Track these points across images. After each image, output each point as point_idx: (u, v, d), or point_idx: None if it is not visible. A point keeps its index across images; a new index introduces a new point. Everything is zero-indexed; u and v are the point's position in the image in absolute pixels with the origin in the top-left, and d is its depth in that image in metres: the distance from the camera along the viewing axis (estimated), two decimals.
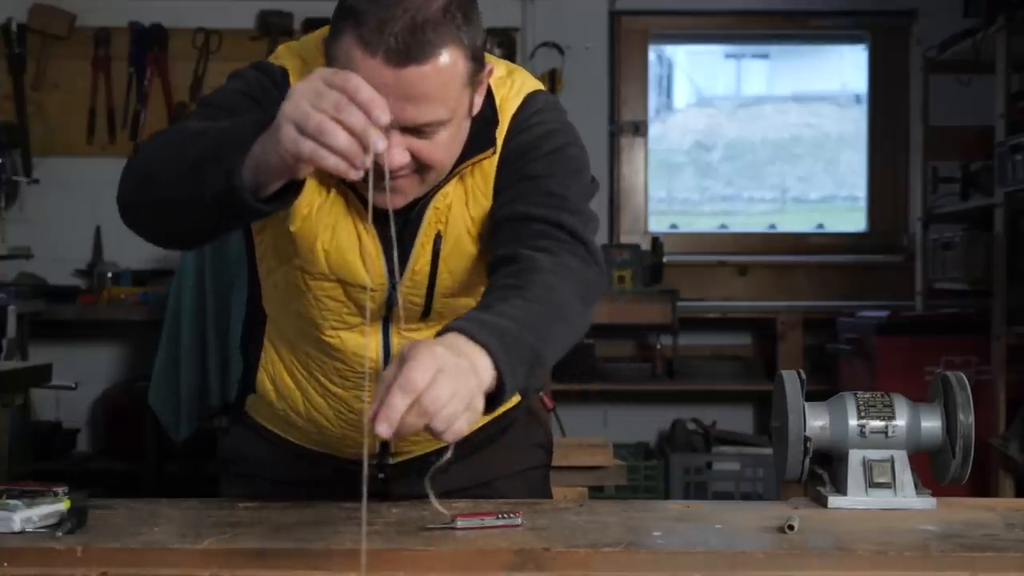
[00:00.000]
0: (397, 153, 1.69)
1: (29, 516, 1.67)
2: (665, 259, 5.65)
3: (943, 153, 5.33)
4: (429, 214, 1.86)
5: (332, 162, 1.45)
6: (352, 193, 1.84)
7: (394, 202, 1.71)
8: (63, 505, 1.70)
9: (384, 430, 1.42)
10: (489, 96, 1.85)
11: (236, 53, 5.64)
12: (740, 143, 6.46)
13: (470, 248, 1.89)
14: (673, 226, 6.19)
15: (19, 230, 5.34)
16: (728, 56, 6.58)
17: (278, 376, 2.04)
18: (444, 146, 1.75)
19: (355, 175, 1.48)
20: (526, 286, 1.67)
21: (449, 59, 1.67)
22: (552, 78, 5.76)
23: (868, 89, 6.14)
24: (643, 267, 5.62)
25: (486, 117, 1.84)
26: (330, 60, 1.70)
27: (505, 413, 2.12)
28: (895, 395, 1.95)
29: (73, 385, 4.32)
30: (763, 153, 6.46)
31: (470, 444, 2.09)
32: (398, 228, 1.82)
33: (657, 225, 6.11)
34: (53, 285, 5.58)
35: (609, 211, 5.96)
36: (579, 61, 5.89)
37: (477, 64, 1.74)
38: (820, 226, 6.22)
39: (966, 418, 1.89)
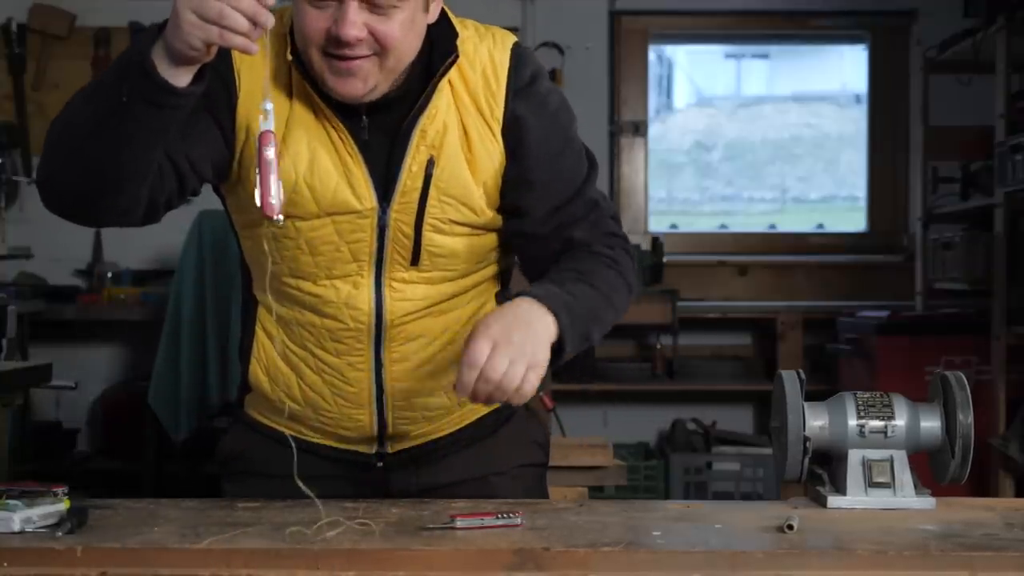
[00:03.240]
0: (353, 26, 1.80)
1: (29, 516, 1.67)
2: (665, 259, 5.65)
3: (943, 153, 5.33)
4: (416, 134, 1.92)
5: (239, 41, 1.65)
6: (325, 112, 1.90)
7: (354, 87, 1.85)
8: (63, 505, 1.70)
9: (462, 395, 1.80)
10: (445, 16, 1.96)
11: None
12: (740, 143, 6.46)
13: (466, 177, 1.95)
14: (673, 226, 6.19)
15: (19, 230, 5.34)
16: (728, 56, 6.58)
17: (271, 363, 2.05)
18: (401, 28, 1.84)
19: (254, 49, 1.67)
20: (590, 274, 1.97)
21: None
22: (552, 78, 5.74)
23: (868, 89, 6.13)
24: (643, 267, 5.61)
25: (444, 31, 1.94)
26: None
27: (504, 406, 2.13)
28: (894, 395, 1.95)
29: (73, 385, 4.32)
30: (763, 153, 6.47)
31: (467, 436, 2.11)
32: (386, 147, 1.92)
33: (657, 225, 6.11)
34: (53, 285, 5.58)
35: None
36: (579, 61, 5.89)
37: None
38: (820, 226, 6.22)
39: (965, 418, 1.89)
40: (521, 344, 1.79)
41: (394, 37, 1.83)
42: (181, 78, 1.70)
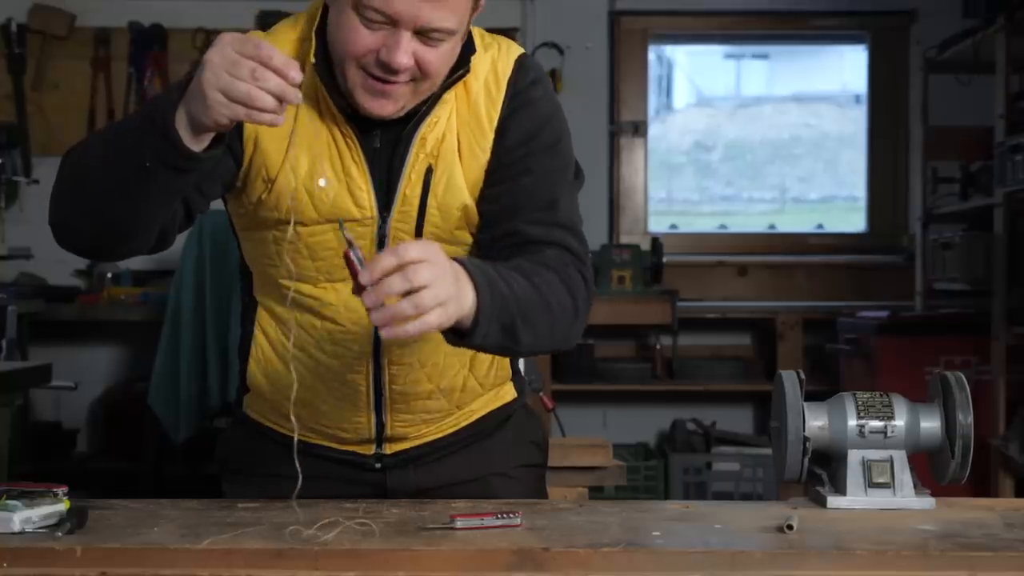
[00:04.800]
0: (404, 55, 1.81)
1: (29, 516, 1.67)
2: (665, 259, 5.65)
3: (943, 153, 5.33)
4: (416, 142, 1.92)
5: (267, 118, 1.66)
6: (337, 118, 1.91)
7: (384, 108, 1.86)
8: (63, 506, 1.70)
9: (365, 280, 1.61)
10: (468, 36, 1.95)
11: None
12: (740, 143, 6.46)
13: (461, 186, 1.95)
14: (673, 226, 6.19)
15: (19, 230, 5.34)
16: (728, 56, 6.58)
17: (269, 364, 2.05)
18: (444, 58, 1.86)
19: (280, 122, 1.67)
20: (532, 272, 1.85)
21: None
22: (552, 78, 5.75)
23: (868, 89, 6.13)
24: (643, 267, 5.61)
25: (464, 46, 1.93)
26: None
27: (503, 407, 2.15)
28: (894, 395, 1.95)
29: (73, 385, 4.32)
30: (763, 153, 6.47)
31: (465, 437, 2.11)
32: (387, 156, 1.93)
33: (657, 225, 6.11)
34: (53, 285, 5.58)
35: (609, 211, 5.96)
36: (579, 61, 5.90)
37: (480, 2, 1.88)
38: (820, 226, 6.22)
39: (965, 418, 1.89)
40: (448, 281, 1.66)
41: (436, 66, 1.85)
42: (202, 142, 1.71)
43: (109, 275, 5.60)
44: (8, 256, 5.30)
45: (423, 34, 1.81)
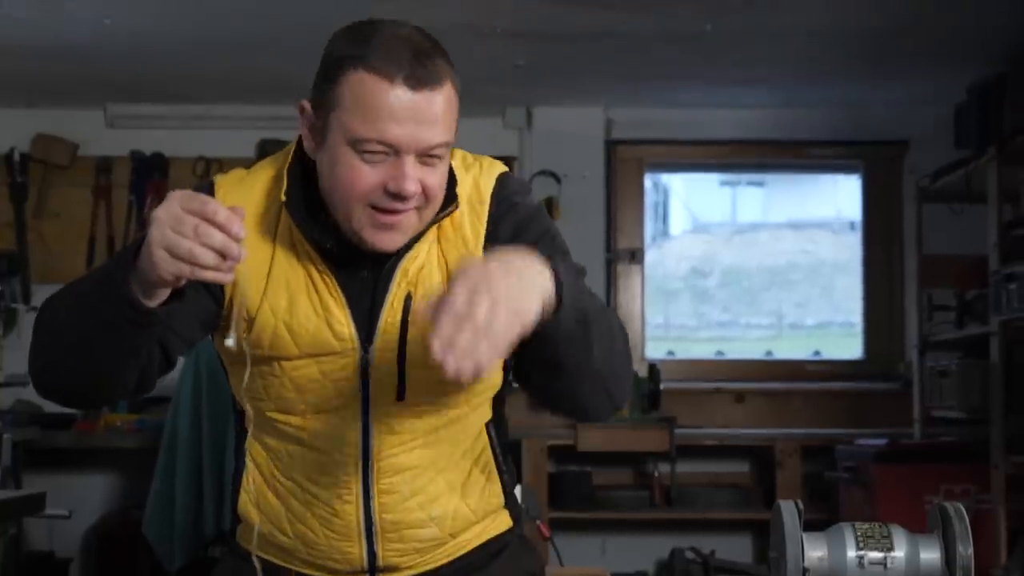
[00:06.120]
0: (412, 182, 1.81)
1: None
2: (662, 386, 5.64)
3: (937, 281, 5.36)
4: (399, 275, 1.92)
5: (209, 275, 1.66)
6: (310, 256, 1.91)
7: (393, 240, 1.86)
8: None
9: (437, 350, 1.56)
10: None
11: None
12: (736, 269, 6.50)
13: None
14: (670, 352, 6.20)
15: (17, 357, 5.33)
16: (724, 183, 6.65)
17: (260, 495, 2.04)
18: (440, 178, 1.86)
19: (227, 279, 1.68)
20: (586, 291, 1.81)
21: (450, 84, 1.84)
22: (549, 206, 5.80)
23: (862, 217, 6.19)
24: (640, 394, 5.60)
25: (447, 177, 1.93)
26: (331, 105, 1.82)
27: (498, 537, 2.12)
28: (893, 526, 1.94)
29: (67, 514, 4.29)
30: (759, 279, 6.50)
31: (459, 568, 2.08)
32: (369, 287, 1.92)
33: (654, 351, 6.11)
34: (49, 413, 5.57)
35: None
36: (576, 189, 5.95)
37: (459, 105, 1.88)
38: (817, 352, 6.22)
39: (965, 550, 1.88)
40: (506, 288, 1.61)
41: (436, 188, 1.85)
42: (159, 297, 1.73)
43: None
44: (5, 383, 5.30)
45: (423, 156, 1.82)
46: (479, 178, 1.97)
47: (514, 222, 1.95)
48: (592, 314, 1.77)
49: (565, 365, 1.78)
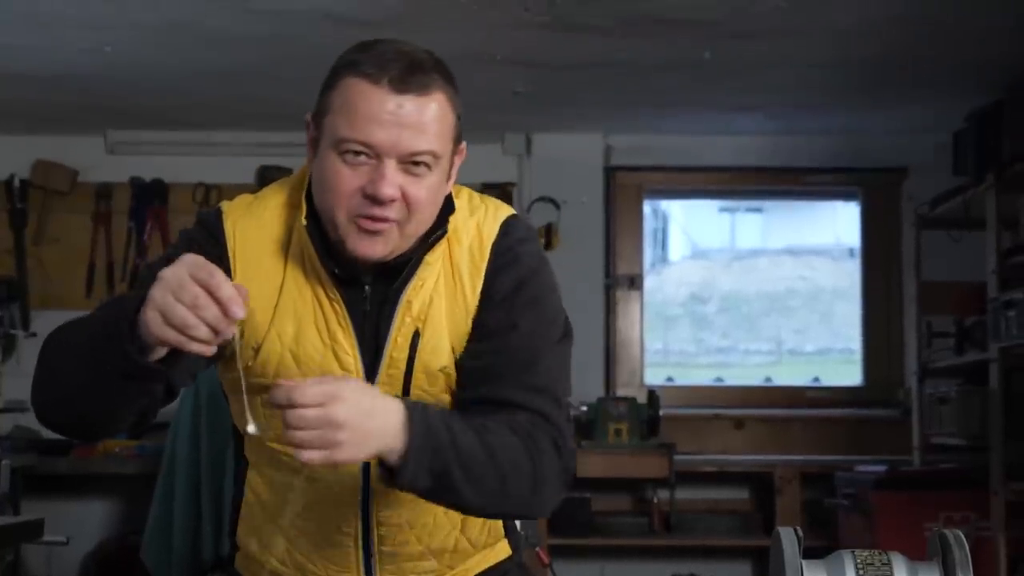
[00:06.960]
0: (389, 185, 1.80)
1: None
2: (661, 412, 5.63)
3: (936, 307, 5.36)
4: (402, 305, 1.90)
5: (195, 347, 1.65)
6: (323, 281, 1.90)
7: (374, 248, 1.84)
8: None
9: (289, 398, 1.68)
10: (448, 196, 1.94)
11: None
12: (735, 295, 6.50)
13: (447, 350, 1.93)
14: (669, 379, 6.19)
15: (16, 383, 5.33)
16: (722, 210, 6.66)
17: (258, 524, 2.04)
18: (427, 192, 1.84)
19: (209, 352, 1.67)
20: (489, 431, 1.82)
21: (443, 98, 1.84)
22: (548, 232, 5.81)
23: (861, 244, 6.19)
24: (640, 420, 5.60)
25: (443, 205, 1.92)
26: (325, 111, 1.84)
27: (497, 566, 2.12)
28: (893, 553, 1.93)
29: (65, 540, 4.27)
30: (758, 305, 6.50)
31: None
32: (373, 317, 1.91)
33: (653, 378, 6.11)
34: (47, 439, 5.56)
35: (605, 364, 5.96)
36: (575, 216, 5.95)
37: (459, 128, 1.88)
38: (816, 379, 6.22)
39: None
40: (359, 423, 1.70)
41: (421, 201, 1.83)
42: (158, 352, 1.72)
43: None
44: (4, 409, 5.29)
45: (407, 164, 1.81)
46: (483, 224, 1.96)
47: (511, 280, 1.93)
48: (466, 473, 1.79)
49: (442, 503, 1.88)
